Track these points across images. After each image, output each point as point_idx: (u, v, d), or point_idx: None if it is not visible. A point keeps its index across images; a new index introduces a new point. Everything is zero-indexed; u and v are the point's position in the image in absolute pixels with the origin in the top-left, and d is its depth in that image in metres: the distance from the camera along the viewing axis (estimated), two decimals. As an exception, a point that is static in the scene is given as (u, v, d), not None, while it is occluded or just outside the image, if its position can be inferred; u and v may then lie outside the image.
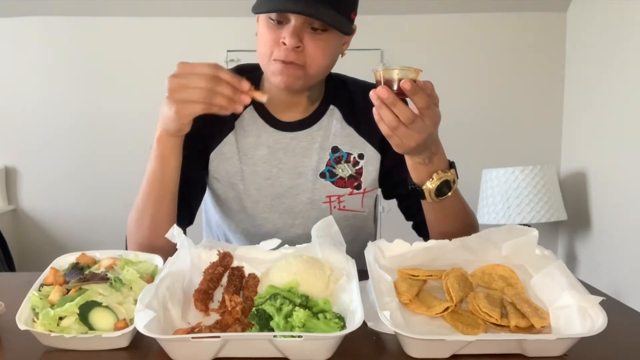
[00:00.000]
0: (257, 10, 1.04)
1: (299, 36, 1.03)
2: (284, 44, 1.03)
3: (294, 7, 1.00)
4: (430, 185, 1.03)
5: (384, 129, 0.93)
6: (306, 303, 0.78)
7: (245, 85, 0.94)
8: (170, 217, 1.06)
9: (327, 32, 1.05)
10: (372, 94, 0.90)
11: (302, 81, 1.08)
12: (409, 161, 1.03)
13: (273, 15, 1.03)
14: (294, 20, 1.02)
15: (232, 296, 0.79)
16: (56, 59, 3.15)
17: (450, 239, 0.91)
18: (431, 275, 0.87)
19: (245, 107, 1.17)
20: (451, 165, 1.06)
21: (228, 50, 3.04)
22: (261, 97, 0.96)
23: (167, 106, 0.95)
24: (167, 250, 0.90)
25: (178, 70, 0.94)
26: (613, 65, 2.66)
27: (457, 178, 1.06)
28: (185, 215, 1.15)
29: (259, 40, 1.08)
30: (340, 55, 1.15)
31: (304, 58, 1.05)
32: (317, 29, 1.04)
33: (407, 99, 0.91)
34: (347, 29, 1.07)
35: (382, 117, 0.91)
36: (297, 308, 0.73)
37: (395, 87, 0.89)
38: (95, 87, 3.16)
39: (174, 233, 0.88)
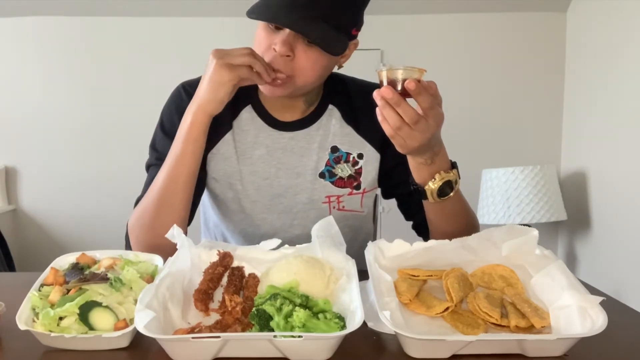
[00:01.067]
0: (250, 15, 1.04)
1: (290, 45, 1.02)
2: (275, 50, 1.03)
3: (285, 20, 1.00)
4: (432, 186, 1.03)
5: (387, 129, 0.93)
6: (306, 303, 0.78)
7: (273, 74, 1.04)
8: (189, 203, 1.10)
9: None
10: (376, 94, 0.90)
11: (289, 91, 1.08)
12: (411, 161, 1.03)
13: None
14: (288, 29, 1.02)
15: (232, 296, 0.79)
16: (56, 59, 3.15)
17: (450, 239, 0.91)
18: (431, 275, 0.87)
19: (244, 106, 1.18)
20: (453, 165, 1.06)
21: (228, 50, 3.04)
22: None
23: (217, 71, 1.01)
24: (172, 247, 0.89)
25: (219, 50, 1.04)
26: (613, 65, 2.66)
27: (459, 178, 1.06)
28: (185, 215, 1.15)
29: (255, 41, 1.08)
30: (336, 67, 1.14)
31: (291, 68, 1.04)
32: (312, 41, 1.03)
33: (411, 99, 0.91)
34: (337, 49, 1.05)
35: (386, 117, 0.91)
36: (297, 308, 0.73)
37: (399, 87, 0.88)
38: (95, 87, 3.16)
39: (174, 233, 0.88)
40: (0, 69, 3.15)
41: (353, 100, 1.22)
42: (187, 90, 1.19)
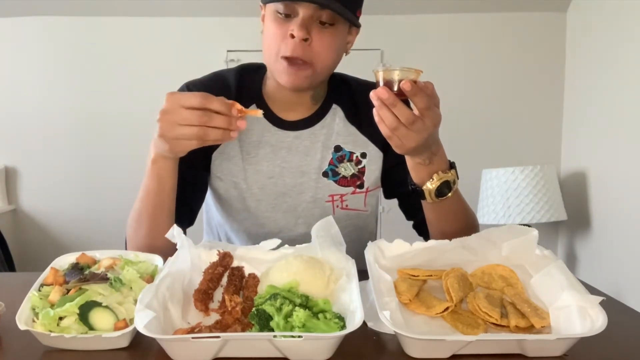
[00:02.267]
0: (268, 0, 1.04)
1: (307, 29, 1.03)
2: (292, 36, 1.03)
3: None
4: (430, 186, 1.03)
5: (383, 129, 0.93)
6: (306, 303, 0.78)
7: (235, 110, 0.91)
8: (167, 228, 1.03)
9: (334, 27, 1.06)
10: (372, 95, 0.90)
11: (310, 80, 1.08)
12: (409, 161, 1.03)
13: (281, 9, 1.04)
14: (302, 13, 1.03)
15: (232, 296, 0.79)
16: (56, 59, 3.15)
17: (450, 239, 0.91)
18: (431, 275, 0.87)
19: (248, 105, 1.18)
20: (452, 165, 1.06)
21: (228, 50, 3.04)
22: (256, 113, 0.95)
23: (161, 142, 0.93)
24: (167, 252, 0.90)
25: (167, 105, 0.90)
26: (613, 65, 2.66)
27: (458, 179, 1.06)
28: (186, 216, 1.16)
29: (266, 36, 1.08)
30: (344, 54, 1.15)
31: (311, 53, 1.05)
32: (325, 22, 1.04)
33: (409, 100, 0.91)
34: (356, 21, 1.08)
35: (382, 118, 0.91)
36: (297, 308, 0.73)
37: (395, 88, 0.89)
38: (95, 87, 3.16)
39: (174, 233, 0.88)
40: (0, 69, 3.15)
41: (356, 100, 1.23)
42: (191, 90, 1.19)
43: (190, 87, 1.20)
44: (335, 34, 1.07)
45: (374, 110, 0.92)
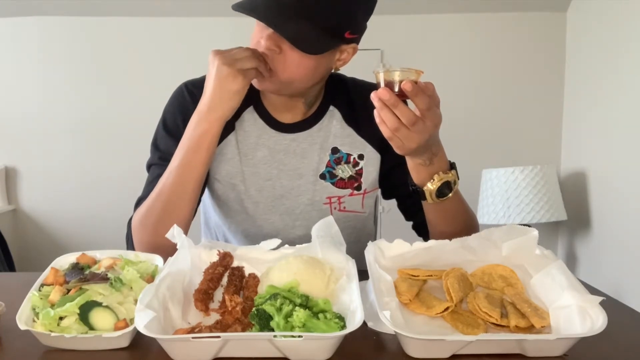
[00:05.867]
0: (233, 6, 1.03)
1: (276, 41, 1.02)
2: (262, 43, 1.03)
3: (261, 14, 1.00)
4: (431, 187, 1.03)
5: (385, 130, 0.93)
6: (306, 303, 0.78)
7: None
8: (195, 205, 1.10)
9: None
10: (374, 96, 0.90)
11: (275, 86, 1.08)
12: (409, 162, 1.03)
13: None
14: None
15: (232, 296, 0.79)
16: (55, 59, 3.15)
17: (450, 239, 0.91)
18: (431, 275, 0.87)
19: (246, 107, 1.18)
20: (452, 166, 1.06)
21: (228, 50, 3.04)
22: None
23: (231, 80, 1.00)
24: (174, 247, 0.89)
25: (223, 50, 1.04)
26: (613, 65, 2.66)
27: (458, 179, 1.06)
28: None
29: (251, 36, 1.09)
30: (332, 69, 1.13)
31: (278, 64, 1.03)
32: (284, 37, 1.01)
33: (408, 101, 0.91)
34: (312, 48, 1.01)
35: (383, 119, 0.91)
36: (297, 308, 0.73)
37: (396, 89, 0.89)
38: (95, 87, 3.16)
39: (174, 233, 0.88)
40: (1, 69, 3.15)
41: (354, 101, 1.22)
42: (189, 89, 1.19)
43: (189, 86, 1.20)
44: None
45: (375, 111, 0.92)
